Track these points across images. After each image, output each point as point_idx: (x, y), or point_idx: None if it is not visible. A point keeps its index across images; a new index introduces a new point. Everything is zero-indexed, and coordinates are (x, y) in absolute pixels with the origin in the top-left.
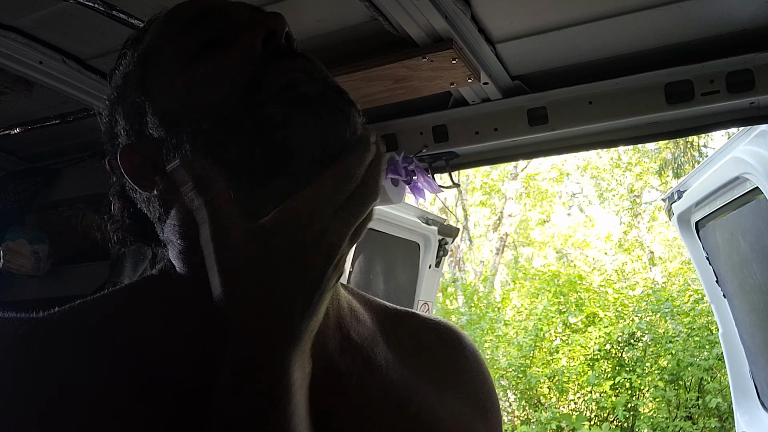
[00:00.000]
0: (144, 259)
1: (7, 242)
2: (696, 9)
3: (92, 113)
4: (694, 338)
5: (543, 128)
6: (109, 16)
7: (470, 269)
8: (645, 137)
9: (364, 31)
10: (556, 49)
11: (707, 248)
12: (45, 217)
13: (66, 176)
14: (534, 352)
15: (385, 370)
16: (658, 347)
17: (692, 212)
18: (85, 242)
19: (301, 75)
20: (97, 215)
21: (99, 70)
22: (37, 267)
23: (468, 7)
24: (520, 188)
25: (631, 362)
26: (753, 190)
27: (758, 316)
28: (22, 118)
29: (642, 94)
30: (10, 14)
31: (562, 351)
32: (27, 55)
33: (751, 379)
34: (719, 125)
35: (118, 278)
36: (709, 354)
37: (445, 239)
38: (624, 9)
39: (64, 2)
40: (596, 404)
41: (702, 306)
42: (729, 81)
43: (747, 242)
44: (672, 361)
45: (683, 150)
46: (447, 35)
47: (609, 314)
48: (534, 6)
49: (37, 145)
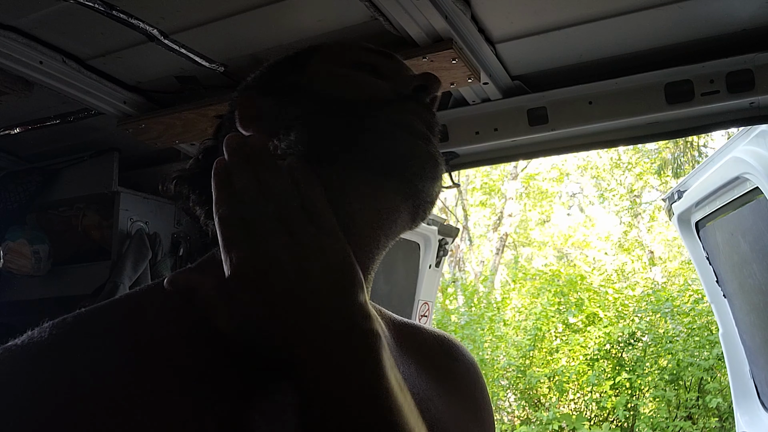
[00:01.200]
0: (144, 258)
1: (7, 242)
2: (696, 9)
3: (92, 113)
4: (694, 338)
5: (543, 128)
6: (109, 16)
7: (470, 269)
8: (645, 137)
9: (364, 31)
10: (556, 49)
11: (707, 248)
12: (45, 217)
13: (66, 176)
14: (534, 352)
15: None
16: (658, 347)
17: (692, 212)
18: (85, 242)
19: (425, 125)
20: (97, 215)
21: (99, 70)
22: (37, 267)
23: (468, 7)
24: (520, 188)
25: (631, 362)
26: (753, 190)
27: (758, 316)
28: (22, 118)
29: (642, 94)
30: (10, 14)
31: (562, 351)
32: (27, 55)
33: (751, 379)
34: (719, 125)
35: (118, 278)
36: (709, 354)
37: (445, 239)
38: (624, 9)
39: (64, 2)
40: (596, 404)
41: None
42: (729, 81)
43: (747, 242)
44: (672, 361)
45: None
46: (447, 35)
47: (609, 314)
48: (534, 6)
49: (37, 145)
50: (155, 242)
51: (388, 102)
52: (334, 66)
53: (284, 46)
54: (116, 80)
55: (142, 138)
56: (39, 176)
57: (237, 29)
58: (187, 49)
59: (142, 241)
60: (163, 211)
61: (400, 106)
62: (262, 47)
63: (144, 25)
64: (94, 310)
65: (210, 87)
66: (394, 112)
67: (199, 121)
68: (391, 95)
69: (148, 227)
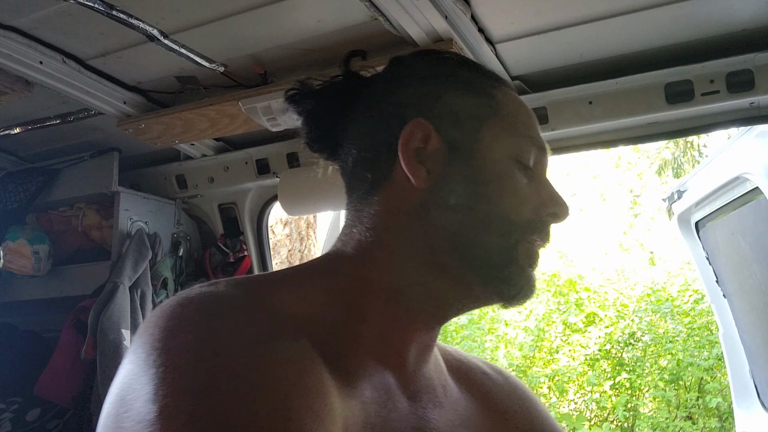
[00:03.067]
0: (144, 258)
1: (7, 242)
2: (696, 9)
3: (92, 113)
4: (694, 338)
5: (543, 128)
6: (109, 16)
7: None
8: (645, 137)
9: (364, 31)
10: (556, 49)
11: (707, 248)
12: (45, 217)
13: (66, 176)
14: (534, 352)
15: (459, 402)
16: (658, 347)
17: (692, 212)
18: (85, 242)
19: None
20: (97, 215)
21: (99, 70)
22: (37, 267)
23: (468, 7)
24: None
25: (631, 362)
26: (753, 190)
27: (758, 316)
28: (22, 118)
29: (642, 94)
30: (10, 14)
31: (562, 351)
32: (27, 55)
33: (751, 379)
34: (719, 125)
35: (118, 278)
36: (709, 354)
37: None
38: (624, 9)
39: (64, 2)
40: (596, 404)
41: (702, 306)
42: (729, 81)
43: (747, 242)
44: (672, 361)
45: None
46: (447, 35)
47: (609, 314)
48: (534, 6)
49: (37, 145)
50: (155, 242)
51: (529, 225)
52: (503, 149)
53: (284, 46)
54: (116, 80)
55: (142, 138)
56: (39, 176)
57: (237, 29)
58: (187, 49)
59: (142, 241)
60: (163, 211)
61: (536, 231)
62: (262, 47)
63: (144, 25)
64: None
65: (210, 87)
66: (528, 242)
67: (199, 121)
68: (533, 216)
69: (148, 227)
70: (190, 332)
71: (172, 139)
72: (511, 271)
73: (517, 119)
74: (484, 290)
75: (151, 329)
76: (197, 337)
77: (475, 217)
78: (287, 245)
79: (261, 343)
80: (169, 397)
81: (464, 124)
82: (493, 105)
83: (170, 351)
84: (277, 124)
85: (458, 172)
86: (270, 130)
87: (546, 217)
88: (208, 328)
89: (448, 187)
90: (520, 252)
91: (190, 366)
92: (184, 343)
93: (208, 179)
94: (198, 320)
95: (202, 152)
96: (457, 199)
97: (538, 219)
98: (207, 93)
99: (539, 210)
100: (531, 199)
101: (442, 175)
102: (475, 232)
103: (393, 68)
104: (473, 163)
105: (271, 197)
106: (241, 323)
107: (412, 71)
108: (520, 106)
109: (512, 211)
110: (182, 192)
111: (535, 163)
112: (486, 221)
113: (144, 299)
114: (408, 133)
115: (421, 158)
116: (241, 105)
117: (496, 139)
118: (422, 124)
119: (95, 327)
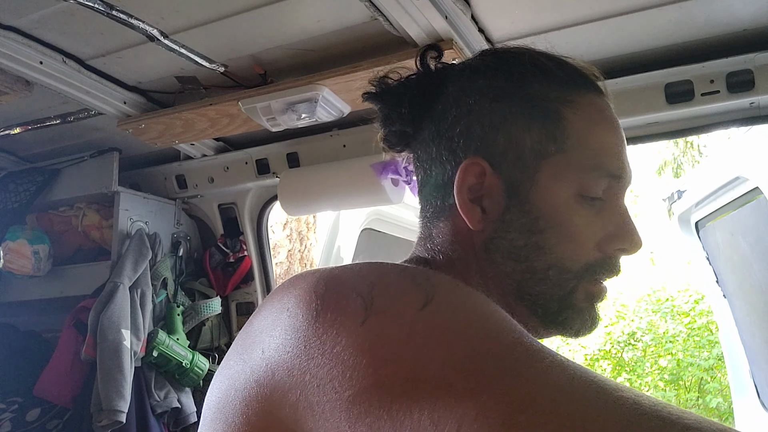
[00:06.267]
0: (144, 258)
1: (7, 242)
2: (696, 9)
3: (92, 113)
4: (694, 338)
5: None
6: (109, 16)
7: None
8: (645, 137)
9: (364, 31)
10: (556, 49)
11: (707, 248)
12: (45, 217)
13: (66, 176)
14: None
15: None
16: (658, 347)
17: (692, 212)
18: (85, 242)
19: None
20: (97, 215)
21: (99, 70)
22: (37, 267)
23: (468, 7)
24: None
25: (631, 362)
26: (753, 190)
27: (758, 316)
28: (22, 118)
29: (642, 94)
30: (10, 14)
31: (561, 351)
32: (27, 55)
33: (751, 379)
34: (719, 125)
35: (118, 278)
36: (709, 354)
37: None
38: (624, 9)
39: (64, 2)
40: None
41: (702, 306)
42: (729, 81)
43: (747, 242)
44: (672, 361)
45: (683, 150)
46: (447, 35)
47: (609, 314)
48: (534, 6)
49: (37, 145)
50: (155, 242)
51: (589, 269)
52: (564, 189)
53: (284, 46)
54: (116, 80)
55: (142, 138)
56: (39, 176)
57: (237, 29)
58: (187, 49)
59: (142, 241)
60: (163, 211)
61: (600, 271)
62: (262, 47)
63: (144, 25)
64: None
65: (210, 87)
66: (590, 283)
67: (199, 121)
68: (596, 256)
69: (148, 227)
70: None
71: (172, 139)
72: (567, 316)
73: (587, 147)
74: (546, 331)
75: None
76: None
77: (532, 267)
78: (287, 245)
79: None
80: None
81: (523, 160)
82: (558, 136)
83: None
84: (277, 124)
85: (514, 219)
86: (270, 130)
87: (614, 252)
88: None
89: (506, 234)
90: (578, 297)
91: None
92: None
93: (208, 179)
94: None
95: (202, 152)
96: (514, 249)
97: (602, 257)
98: (207, 93)
99: (605, 246)
100: (594, 236)
101: (499, 216)
102: (534, 282)
103: (465, 76)
104: (528, 209)
105: (271, 197)
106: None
107: (480, 85)
108: (596, 124)
109: (568, 259)
110: (182, 192)
111: (607, 190)
112: (542, 272)
113: (144, 299)
114: (463, 171)
115: (476, 195)
116: (241, 105)
117: (556, 179)
118: (476, 163)
119: (95, 327)
